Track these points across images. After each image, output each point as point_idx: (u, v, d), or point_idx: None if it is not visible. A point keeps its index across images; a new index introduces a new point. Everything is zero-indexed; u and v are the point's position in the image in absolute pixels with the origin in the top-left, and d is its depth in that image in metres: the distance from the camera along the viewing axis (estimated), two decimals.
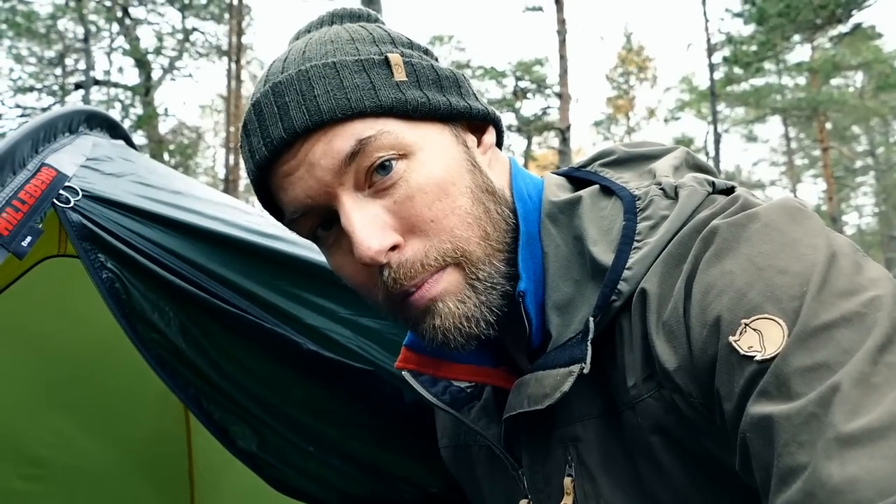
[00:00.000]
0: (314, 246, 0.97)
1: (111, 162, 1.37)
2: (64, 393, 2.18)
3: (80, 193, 1.22)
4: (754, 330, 0.68)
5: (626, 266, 0.83)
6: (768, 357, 0.66)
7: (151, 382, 1.27)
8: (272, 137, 0.86)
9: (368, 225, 0.84)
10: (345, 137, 0.85)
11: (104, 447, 2.30)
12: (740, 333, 0.69)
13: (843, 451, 0.58)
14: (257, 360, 1.29)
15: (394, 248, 0.86)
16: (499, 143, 1.02)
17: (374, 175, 0.86)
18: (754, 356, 0.67)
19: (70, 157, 1.28)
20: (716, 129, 21.97)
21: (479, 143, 0.96)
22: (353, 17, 0.99)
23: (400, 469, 1.39)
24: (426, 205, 0.85)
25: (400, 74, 0.88)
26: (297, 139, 0.86)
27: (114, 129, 1.57)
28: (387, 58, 0.89)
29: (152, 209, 1.28)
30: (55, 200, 1.19)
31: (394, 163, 0.85)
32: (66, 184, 1.22)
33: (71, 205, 1.20)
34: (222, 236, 1.31)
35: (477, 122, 0.98)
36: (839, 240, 0.75)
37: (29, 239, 1.13)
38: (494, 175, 0.95)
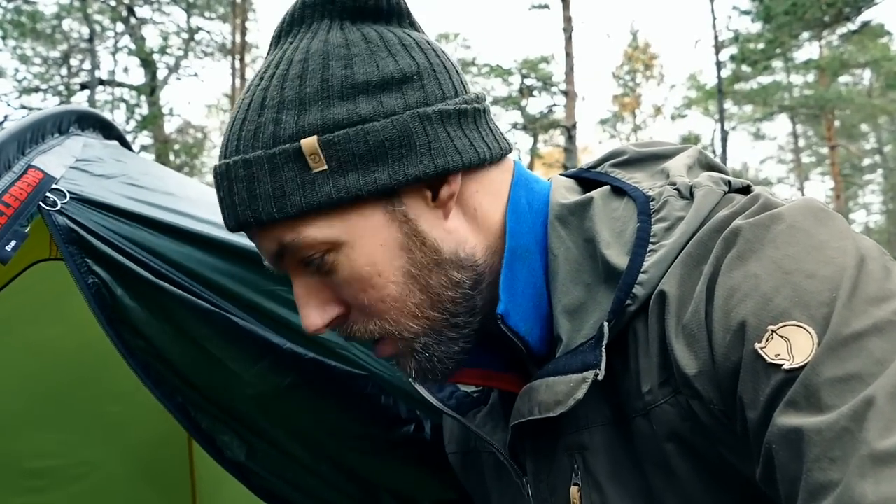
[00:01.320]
0: None
1: (101, 163, 1.36)
2: (62, 399, 2.18)
3: (68, 196, 1.20)
4: (781, 337, 0.67)
5: (642, 269, 0.80)
6: (797, 366, 0.64)
7: None
8: (225, 221, 0.90)
9: (311, 302, 0.89)
10: (269, 239, 0.87)
11: (105, 454, 2.31)
12: (767, 340, 0.67)
13: (877, 470, 0.57)
14: (248, 368, 1.27)
15: (339, 315, 0.90)
16: (502, 150, 0.96)
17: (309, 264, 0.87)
18: (782, 364, 0.65)
19: (58, 159, 1.27)
20: (723, 126, 21.98)
21: (436, 196, 0.88)
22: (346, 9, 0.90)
23: (392, 481, 1.38)
24: (355, 295, 0.87)
25: (317, 164, 0.83)
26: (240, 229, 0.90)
27: (107, 130, 1.56)
28: (300, 149, 0.83)
29: (142, 211, 1.25)
30: (41, 203, 1.17)
31: (323, 257, 0.86)
32: (54, 186, 1.20)
33: (58, 208, 1.18)
34: (214, 240, 1.28)
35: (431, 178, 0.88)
36: (866, 242, 0.73)
37: (13, 243, 1.12)
38: (458, 224, 0.90)
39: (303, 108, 0.83)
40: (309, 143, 0.82)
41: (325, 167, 0.82)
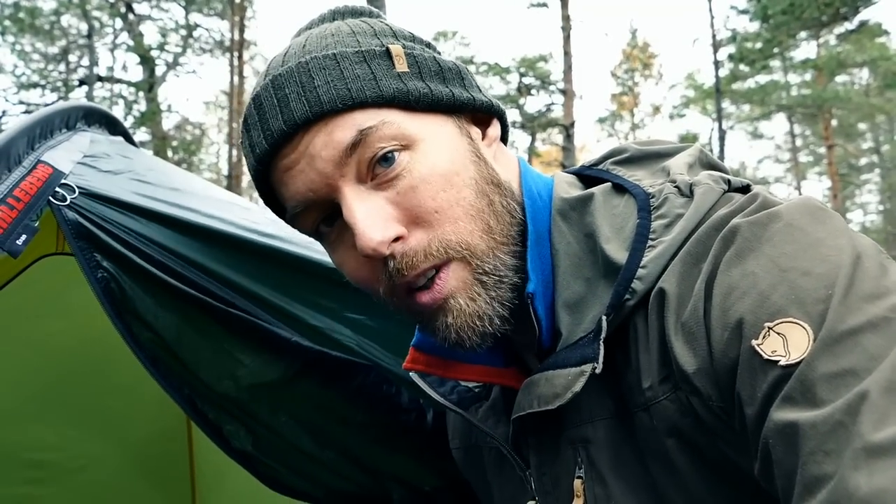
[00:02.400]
0: (314, 244, 0.96)
1: (109, 159, 1.36)
2: (64, 393, 2.18)
3: (77, 191, 1.21)
4: (778, 334, 0.67)
5: (641, 265, 0.81)
6: (793, 362, 0.65)
7: (152, 382, 1.26)
8: (272, 130, 0.85)
9: (371, 216, 0.83)
10: (346, 128, 0.84)
11: (105, 447, 2.31)
12: (763, 337, 0.68)
13: (870, 462, 0.57)
14: (253, 359, 1.28)
15: (397, 239, 0.84)
16: (504, 139, 1.00)
17: (376, 167, 0.84)
18: (778, 361, 0.66)
19: (67, 154, 1.27)
20: (721, 125, 21.96)
21: (484, 135, 0.95)
22: (355, 13, 0.98)
23: (395, 468, 1.39)
24: (430, 195, 0.84)
25: (402, 65, 0.88)
26: (298, 131, 0.85)
27: (112, 126, 1.56)
28: (388, 49, 0.88)
29: (150, 206, 1.26)
30: (51, 198, 1.17)
31: (396, 154, 0.84)
32: (63, 181, 1.20)
33: (67, 202, 1.18)
34: (221, 234, 1.29)
35: (481, 114, 0.96)
36: (863, 240, 0.73)
37: (24, 237, 1.12)
38: (500, 168, 0.94)
39: (374, 34, 0.91)
40: (396, 47, 0.88)
41: (408, 70, 0.88)
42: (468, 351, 0.89)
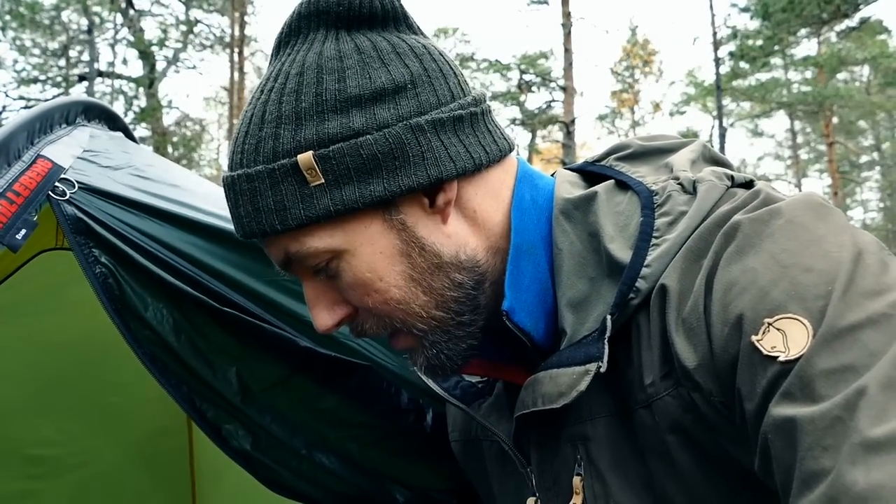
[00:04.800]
0: None
1: (108, 154, 1.35)
2: (63, 388, 2.17)
3: (76, 186, 1.21)
4: (777, 329, 0.67)
5: (645, 263, 0.81)
6: (792, 358, 0.65)
7: (151, 379, 1.26)
8: (235, 230, 0.93)
9: (320, 304, 0.93)
10: (276, 249, 0.90)
11: (104, 444, 2.30)
12: (763, 333, 0.68)
13: (868, 457, 0.57)
14: (253, 358, 1.28)
15: (348, 315, 0.93)
16: (504, 147, 0.96)
17: (317, 273, 0.91)
18: (777, 356, 0.66)
19: (66, 149, 1.27)
20: (721, 123, 21.97)
21: (433, 203, 0.89)
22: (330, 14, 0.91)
23: (395, 470, 1.38)
24: (360, 298, 0.90)
25: (314, 178, 0.84)
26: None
27: (112, 121, 1.56)
28: (296, 163, 0.84)
29: (149, 202, 1.26)
30: (50, 193, 1.17)
31: (329, 264, 0.89)
32: (62, 176, 1.20)
33: (66, 197, 1.18)
34: (219, 230, 1.29)
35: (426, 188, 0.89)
36: (865, 237, 0.73)
37: (24, 232, 1.12)
38: (457, 228, 0.90)
39: (299, 122, 0.85)
40: (305, 158, 0.84)
41: (322, 181, 0.84)
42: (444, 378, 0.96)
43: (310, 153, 0.84)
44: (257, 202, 0.86)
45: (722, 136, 21.43)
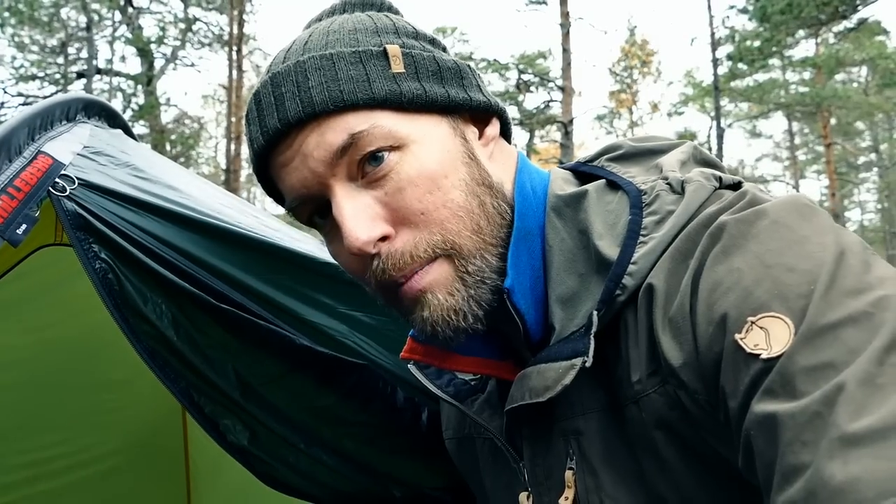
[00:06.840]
0: (312, 240, 0.98)
1: (108, 151, 1.36)
2: (59, 385, 2.18)
3: (77, 182, 1.21)
4: (761, 328, 0.68)
5: (632, 261, 0.82)
6: (774, 356, 0.66)
7: (148, 375, 1.26)
8: (268, 127, 0.88)
9: (358, 216, 0.86)
10: (337, 131, 0.86)
11: (99, 441, 2.31)
12: (746, 331, 0.69)
13: (846, 451, 0.58)
14: (250, 355, 1.28)
15: (385, 238, 0.87)
16: (506, 135, 1.02)
17: (366, 165, 0.87)
18: (760, 354, 0.67)
19: (67, 146, 1.27)
20: (719, 124, 21.96)
21: (481, 134, 0.96)
22: (366, 5, 1.00)
23: (391, 467, 1.39)
24: (416, 197, 0.86)
25: (397, 66, 0.89)
26: (292, 129, 0.87)
27: (112, 119, 1.56)
28: (385, 49, 0.89)
29: (149, 199, 1.26)
30: (51, 189, 1.18)
31: (385, 154, 0.86)
32: (63, 172, 1.20)
33: (66, 193, 1.19)
34: (220, 228, 1.29)
35: (479, 113, 0.97)
36: (849, 237, 0.74)
37: (24, 227, 1.12)
38: (495, 168, 0.95)
39: (375, 31, 0.92)
40: (393, 47, 0.89)
41: (404, 71, 0.89)
42: (442, 343, 0.91)
43: (397, 45, 0.90)
44: (337, 74, 0.87)
45: (720, 137, 21.43)
